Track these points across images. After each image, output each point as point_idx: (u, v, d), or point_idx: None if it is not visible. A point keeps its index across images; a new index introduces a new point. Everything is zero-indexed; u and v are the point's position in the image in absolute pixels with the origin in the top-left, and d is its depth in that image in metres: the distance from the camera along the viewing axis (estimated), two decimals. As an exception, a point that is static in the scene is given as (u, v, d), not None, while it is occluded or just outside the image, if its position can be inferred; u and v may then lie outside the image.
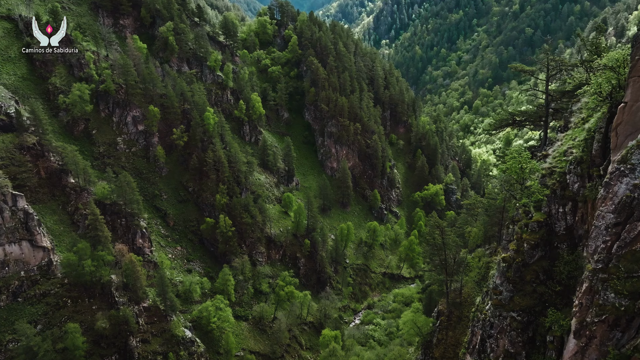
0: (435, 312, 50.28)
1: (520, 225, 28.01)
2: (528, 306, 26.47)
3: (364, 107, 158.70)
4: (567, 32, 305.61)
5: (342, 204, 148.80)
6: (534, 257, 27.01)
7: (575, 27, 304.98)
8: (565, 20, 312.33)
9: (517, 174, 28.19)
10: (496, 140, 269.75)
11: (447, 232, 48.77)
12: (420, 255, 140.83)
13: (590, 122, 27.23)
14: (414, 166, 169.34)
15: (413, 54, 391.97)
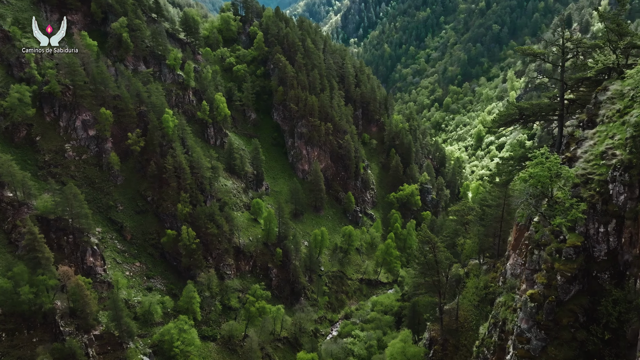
0: (426, 339, 43.83)
1: (549, 251, 21.70)
2: (566, 359, 20.20)
3: (335, 106, 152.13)
4: (532, 29, 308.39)
5: (315, 208, 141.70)
6: (569, 293, 20.75)
7: (540, 24, 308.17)
8: (531, 16, 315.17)
9: (544, 185, 21.94)
10: (468, 137, 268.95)
11: (440, 248, 42.39)
12: (398, 259, 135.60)
13: (635, 116, 21.19)
14: (388, 166, 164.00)
15: (382, 52, 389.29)
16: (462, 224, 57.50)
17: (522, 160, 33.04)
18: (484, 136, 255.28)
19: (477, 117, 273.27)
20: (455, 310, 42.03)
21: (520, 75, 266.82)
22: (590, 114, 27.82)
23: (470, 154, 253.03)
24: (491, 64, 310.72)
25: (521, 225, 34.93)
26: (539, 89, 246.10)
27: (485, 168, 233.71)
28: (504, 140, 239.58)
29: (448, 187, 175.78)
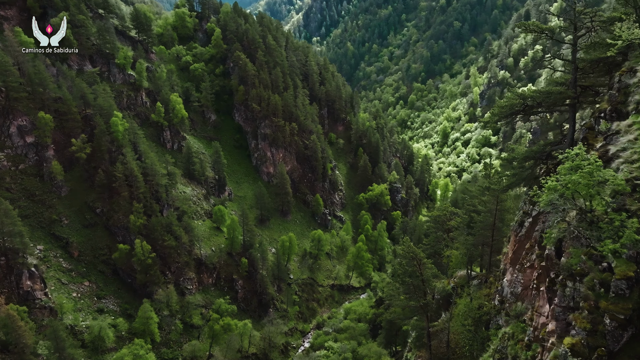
0: (412, 368, 38.65)
1: (590, 284, 16.44)
2: None
3: (300, 105, 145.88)
4: (492, 25, 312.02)
5: (282, 213, 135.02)
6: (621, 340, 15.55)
7: (499, 20, 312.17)
8: (490, 13, 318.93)
9: (585, 196, 16.67)
10: (434, 134, 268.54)
11: (427, 265, 37.02)
12: (369, 262, 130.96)
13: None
14: (356, 166, 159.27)
15: (345, 51, 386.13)
16: (444, 230, 52.56)
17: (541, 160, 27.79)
18: (449, 133, 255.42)
19: (441, 113, 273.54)
20: (444, 333, 36.85)
21: (482, 71, 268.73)
22: (614, 101, 22.95)
23: (437, 151, 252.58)
24: (454, 60, 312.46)
25: (521, 236, 29.76)
26: (502, 85, 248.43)
27: (452, 165, 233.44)
28: (470, 136, 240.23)
29: (417, 186, 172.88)
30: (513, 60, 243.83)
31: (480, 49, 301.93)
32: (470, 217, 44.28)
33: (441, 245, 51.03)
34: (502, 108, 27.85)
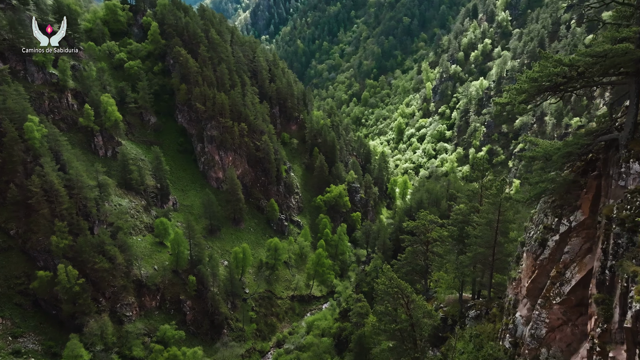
0: None
1: None
2: None
3: (249, 103, 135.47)
4: (441, 20, 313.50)
5: (234, 221, 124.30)
6: None
7: (447, 16, 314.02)
8: (438, 9, 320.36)
9: None
10: (389, 131, 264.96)
11: (417, 302, 28.68)
12: (330, 268, 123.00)
13: None
14: (312, 167, 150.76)
15: (295, 49, 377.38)
16: (423, 243, 44.72)
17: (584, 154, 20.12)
18: (404, 129, 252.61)
19: (395, 110, 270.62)
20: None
21: (434, 66, 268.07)
22: None
23: (393, 148, 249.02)
24: (405, 56, 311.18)
25: (543, 260, 21.96)
26: (453, 79, 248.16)
27: (408, 161, 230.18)
28: (425, 131, 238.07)
29: (376, 184, 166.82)
30: (464, 55, 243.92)
31: (430, 44, 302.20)
32: (460, 229, 36.67)
33: (420, 261, 43.26)
34: (533, 81, 19.82)
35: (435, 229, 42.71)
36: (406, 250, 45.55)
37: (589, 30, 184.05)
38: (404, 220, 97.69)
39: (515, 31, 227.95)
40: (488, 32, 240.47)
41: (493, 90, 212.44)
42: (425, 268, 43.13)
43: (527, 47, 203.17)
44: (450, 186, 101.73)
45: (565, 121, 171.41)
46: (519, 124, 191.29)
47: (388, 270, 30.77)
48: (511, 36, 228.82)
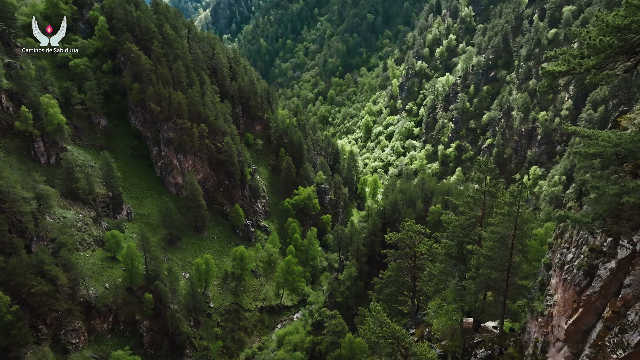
0: None
1: None
2: None
3: (208, 103, 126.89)
4: (405, 17, 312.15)
5: (196, 229, 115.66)
6: None
7: (411, 12, 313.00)
8: (402, 5, 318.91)
9: None
10: (356, 130, 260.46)
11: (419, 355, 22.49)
12: (301, 275, 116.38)
13: None
14: (279, 168, 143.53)
15: (258, 47, 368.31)
16: (409, 257, 38.45)
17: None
18: (372, 127, 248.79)
19: (362, 108, 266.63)
20: None
21: (399, 63, 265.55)
22: None
23: (361, 146, 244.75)
24: (370, 53, 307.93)
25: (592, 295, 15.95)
26: (419, 75, 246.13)
27: (377, 159, 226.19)
28: (393, 129, 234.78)
29: (345, 184, 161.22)
30: (429, 51, 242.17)
31: (395, 41, 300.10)
32: (459, 244, 30.73)
33: (406, 278, 37.13)
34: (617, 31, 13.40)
35: (424, 241, 36.71)
36: (389, 267, 39.31)
37: (551, 24, 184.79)
38: (378, 224, 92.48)
39: (479, 26, 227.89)
40: (452, 28, 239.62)
41: (459, 86, 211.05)
42: (413, 287, 37.14)
43: (491, 42, 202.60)
44: (425, 185, 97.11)
45: (532, 115, 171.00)
46: (486, 119, 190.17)
47: (378, 312, 24.20)
48: (475, 31, 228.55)
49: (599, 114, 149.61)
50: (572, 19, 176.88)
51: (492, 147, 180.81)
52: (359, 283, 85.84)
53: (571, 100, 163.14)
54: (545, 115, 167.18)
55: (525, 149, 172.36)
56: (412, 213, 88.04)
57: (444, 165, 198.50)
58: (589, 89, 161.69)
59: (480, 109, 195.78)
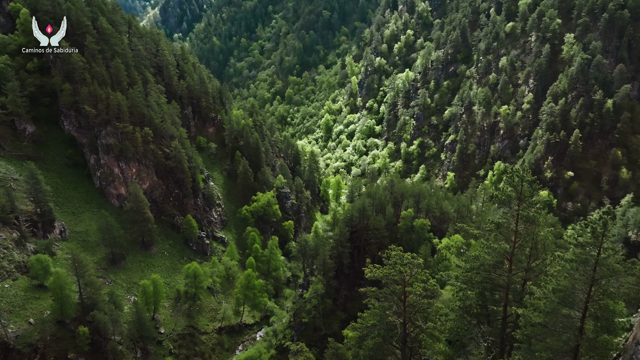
0: None
1: None
2: None
3: (153, 104, 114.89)
4: (361, 14, 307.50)
5: (143, 245, 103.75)
6: None
7: (367, 9, 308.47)
8: (357, 2, 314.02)
9: None
10: (316, 129, 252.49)
11: None
12: (263, 289, 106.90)
13: None
14: (235, 173, 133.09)
15: (211, 46, 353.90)
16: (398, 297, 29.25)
17: None
18: (332, 126, 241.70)
19: (322, 106, 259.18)
20: None
21: (358, 60, 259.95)
22: None
23: (322, 147, 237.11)
24: (327, 51, 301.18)
25: None
26: (379, 72, 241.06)
27: (339, 159, 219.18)
28: (354, 127, 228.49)
29: (307, 188, 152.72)
30: (387, 47, 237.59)
31: (352, 38, 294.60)
32: (480, 293, 22.42)
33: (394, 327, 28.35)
34: None
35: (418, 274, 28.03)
36: (371, 309, 30.32)
37: (508, 17, 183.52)
38: (345, 233, 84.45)
39: (436, 21, 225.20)
40: (410, 23, 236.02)
41: (419, 82, 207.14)
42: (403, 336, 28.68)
43: (449, 37, 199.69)
44: (394, 188, 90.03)
45: (494, 109, 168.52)
46: (448, 114, 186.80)
47: None
48: (433, 26, 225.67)
49: (559, 106, 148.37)
50: (528, 12, 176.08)
51: (455, 143, 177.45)
52: (327, 301, 77.45)
53: (532, 93, 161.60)
54: (507, 109, 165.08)
55: (488, 144, 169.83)
56: (382, 219, 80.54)
57: (407, 163, 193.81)
58: (548, 82, 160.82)
59: (442, 104, 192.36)
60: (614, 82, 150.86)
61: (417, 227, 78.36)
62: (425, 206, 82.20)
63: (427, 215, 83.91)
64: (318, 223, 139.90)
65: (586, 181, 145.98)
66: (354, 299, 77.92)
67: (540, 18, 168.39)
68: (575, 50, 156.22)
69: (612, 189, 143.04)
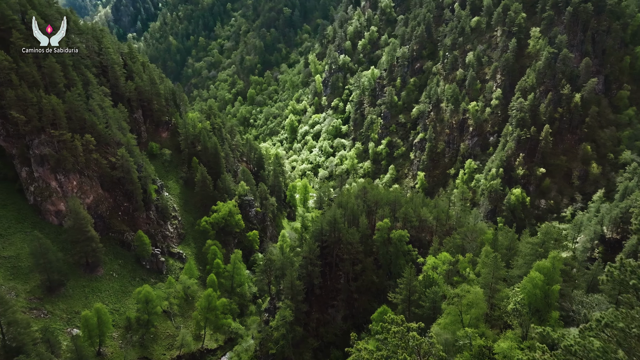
0: None
1: None
2: None
3: (96, 108, 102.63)
4: (323, 11, 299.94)
5: (87, 268, 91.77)
6: None
7: (328, 6, 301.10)
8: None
9: None
10: (281, 130, 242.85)
11: None
12: (226, 309, 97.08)
13: None
14: (193, 181, 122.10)
15: (168, 46, 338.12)
16: None
17: None
18: (297, 127, 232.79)
19: (286, 107, 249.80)
20: None
21: (321, 58, 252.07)
22: None
23: (287, 148, 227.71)
24: (289, 49, 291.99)
25: None
26: (343, 70, 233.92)
27: (305, 161, 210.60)
28: (319, 128, 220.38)
29: (272, 194, 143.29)
30: (351, 44, 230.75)
31: (315, 36, 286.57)
32: None
33: None
34: None
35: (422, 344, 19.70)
36: None
37: (473, 12, 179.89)
38: (315, 249, 75.72)
39: (400, 17, 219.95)
40: (373, 19, 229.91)
41: (385, 79, 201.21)
42: None
43: (414, 33, 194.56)
44: (367, 195, 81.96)
45: (462, 106, 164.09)
46: (416, 112, 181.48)
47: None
48: (397, 22, 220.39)
49: (529, 102, 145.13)
50: (492, 6, 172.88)
51: (424, 141, 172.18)
52: (297, 328, 68.46)
53: (500, 89, 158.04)
54: (475, 105, 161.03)
55: (458, 142, 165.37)
56: (356, 232, 72.31)
57: (376, 163, 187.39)
58: (516, 77, 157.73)
59: (409, 102, 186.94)
60: (580, 76, 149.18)
61: (394, 239, 70.60)
62: (403, 215, 74.42)
63: (404, 225, 76.15)
64: (285, 232, 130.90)
65: (557, 177, 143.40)
66: (327, 323, 69.58)
67: (505, 12, 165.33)
68: (542, 45, 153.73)
69: (583, 185, 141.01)
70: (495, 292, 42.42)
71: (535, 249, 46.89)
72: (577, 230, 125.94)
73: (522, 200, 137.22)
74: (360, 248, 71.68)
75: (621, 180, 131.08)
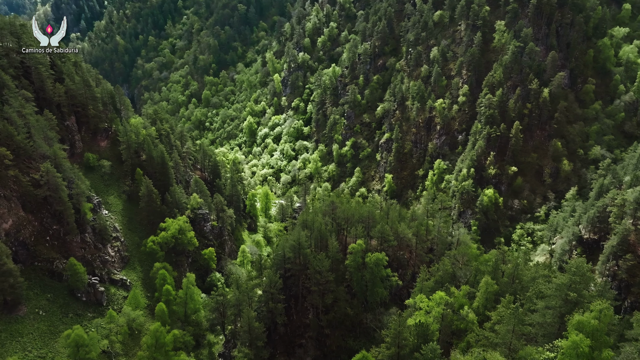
0: None
1: None
2: None
3: (13, 115, 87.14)
4: (279, 8, 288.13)
5: (5, 307, 76.69)
6: None
7: (285, 3, 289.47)
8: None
9: None
10: (239, 134, 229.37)
11: None
12: (179, 342, 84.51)
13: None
14: (137, 196, 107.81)
15: (115, 46, 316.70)
16: None
17: None
18: (256, 129, 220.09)
19: (244, 108, 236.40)
20: None
21: (279, 56, 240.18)
22: None
23: (246, 152, 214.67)
24: (245, 48, 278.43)
25: None
26: (303, 68, 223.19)
27: (266, 166, 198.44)
28: (280, 130, 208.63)
29: (230, 205, 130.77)
30: (310, 41, 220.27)
31: (272, 33, 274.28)
32: None
33: None
34: None
35: None
36: None
37: (435, 5, 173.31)
38: (276, 282, 64.21)
39: (359, 12, 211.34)
40: (332, 15, 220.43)
41: (347, 77, 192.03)
42: None
43: (375, 28, 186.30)
44: (336, 212, 71.20)
45: (429, 104, 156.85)
46: (380, 111, 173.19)
47: None
48: (357, 18, 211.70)
49: (497, 97, 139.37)
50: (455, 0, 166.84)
51: (391, 142, 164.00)
52: (258, 379, 57.26)
53: (466, 85, 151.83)
54: (442, 103, 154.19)
55: (425, 142, 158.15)
56: (325, 258, 61.26)
57: (341, 166, 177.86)
58: (482, 73, 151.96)
59: (373, 100, 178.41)
60: (547, 70, 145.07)
61: (370, 264, 60.19)
62: (379, 234, 64.19)
63: (381, 244, 65.86)
64: (245, 246, 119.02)
65: (529, 175, 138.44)
66: (295, 366, 58.72)
67: (468, 5, 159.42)
68: (507, 39, 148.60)
69: (555, 182, 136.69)
70: (515, 353, 33.26)
71: (564, 292, 37.30)
72: (553, 231, 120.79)
73: (494, 201, 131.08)
74: (331, 277, 60.65)
75: (593, 177, 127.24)
